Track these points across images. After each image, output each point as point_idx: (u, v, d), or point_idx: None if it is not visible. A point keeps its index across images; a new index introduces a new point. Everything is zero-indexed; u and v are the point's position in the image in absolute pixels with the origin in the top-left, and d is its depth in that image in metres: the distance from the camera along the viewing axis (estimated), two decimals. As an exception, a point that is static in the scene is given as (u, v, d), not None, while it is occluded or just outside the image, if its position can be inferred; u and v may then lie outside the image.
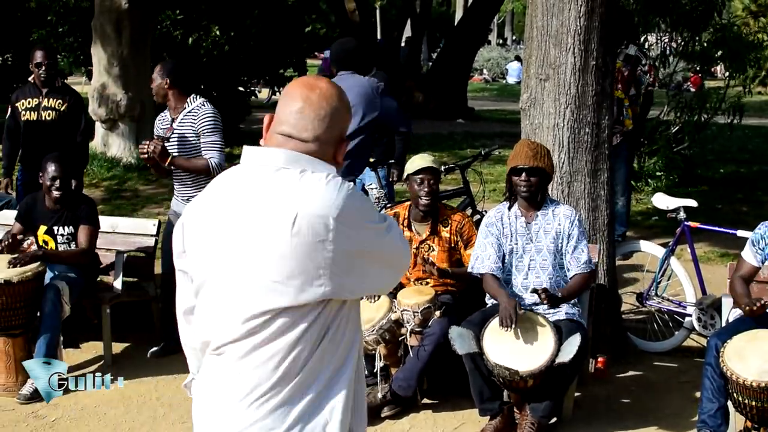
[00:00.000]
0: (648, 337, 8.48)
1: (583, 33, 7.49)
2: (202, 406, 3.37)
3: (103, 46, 16.77)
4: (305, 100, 3.22)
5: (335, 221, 3.05)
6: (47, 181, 7.95)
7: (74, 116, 9.51)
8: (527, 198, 6.78)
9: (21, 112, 9.36)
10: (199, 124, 7.90)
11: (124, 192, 15.33)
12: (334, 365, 3.22)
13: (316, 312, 3.13)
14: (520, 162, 6.70)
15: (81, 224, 8.03)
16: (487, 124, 24.94)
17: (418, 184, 7.15)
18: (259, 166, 3.20)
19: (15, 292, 7.40)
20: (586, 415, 7.00)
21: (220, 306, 3.21)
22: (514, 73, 44.47)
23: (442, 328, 6.62)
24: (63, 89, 9.61)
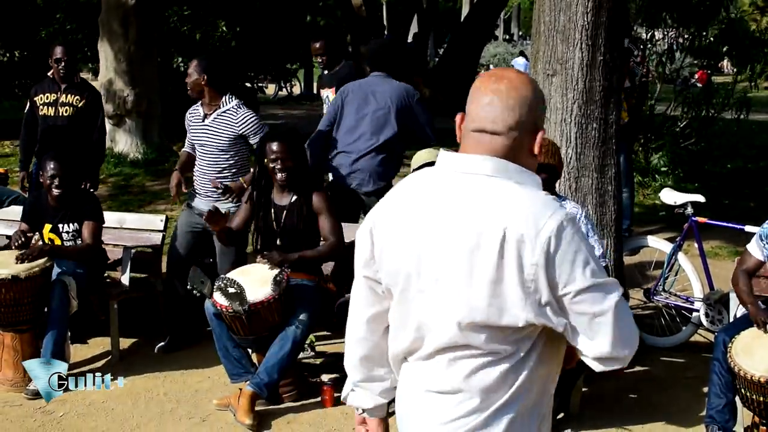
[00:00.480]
0: (655, 333, 8.47)
1: (590, 28, 7.48)
2: (410, 412, 3.34)
3: (109, 43, 16.78)
4: (494, 92, 3.15)
5: (545, 245, 2.95)
6: (47, 179, 7.95)
7: (91, 113, 9.53)
8: None
9: (39, 107, 9.38)
10: (241, 127, 8.03)
11: (131, 188, 15.35)
12: (533, 394, 3.18)
13: (521, 334, 3.06)
14: None
15: (85, 220, 8.04)
16: (494, 120, 24.91)
17: None
18: (462, 173, 3.12)
19: (22, 288, 7.40)
20: (593, 410, 7.00)
21: (429, 314, 3.13)
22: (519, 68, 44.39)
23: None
24: (81, 85, 9.64)
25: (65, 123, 9.38)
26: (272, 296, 6.85)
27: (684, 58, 16.00)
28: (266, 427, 6.85)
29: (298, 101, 30.59)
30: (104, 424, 6.96)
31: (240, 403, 6.84)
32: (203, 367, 7.91)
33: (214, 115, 8.03)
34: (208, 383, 7.65)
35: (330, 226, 7.38)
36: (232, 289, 6.78)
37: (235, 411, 6.88)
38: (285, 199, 7.41)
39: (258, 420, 6.81)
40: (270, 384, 6.92)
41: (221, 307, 6.88)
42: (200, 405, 7.24)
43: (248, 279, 6.96)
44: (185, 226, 8.27)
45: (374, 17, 26.02)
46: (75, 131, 9.36)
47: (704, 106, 15.17)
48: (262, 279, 6.97)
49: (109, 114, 16.64)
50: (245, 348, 7.25)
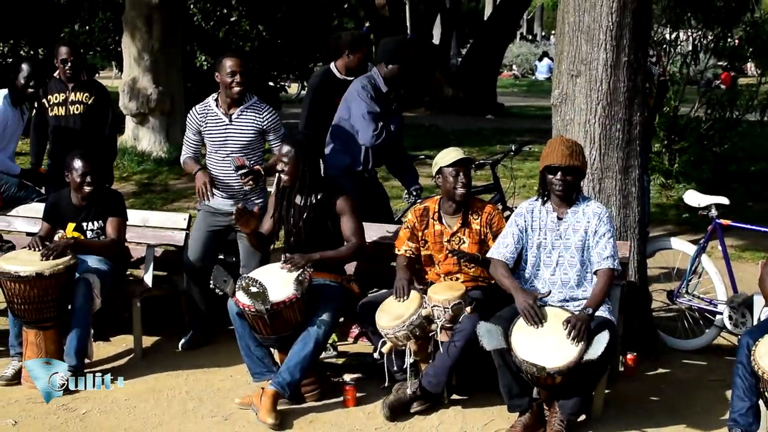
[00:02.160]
0: (678, 335, 8.45)
1: (615, 29, 7.47)
2: None
3: (133, 41, 16.83)
4: None
5: None
6: (77, 177, 7.96)
7: (102, 109, 9.51)
8: (561, 197, 6.75)
9: (48, 108, 9.38)
10: (265, 121, 8.05)
11: (154, 186, 15.39)
12: None
13: None
14: (556, 160, 6.66)
15: (109, 216, 8.07)
16: (517, 120, 24.90)
17: (454, 177, 7.13)
18: None
19: (46, 285, 7.42)
20: (615, 413, 6.97)
21: None
22: (543, 70, 44.40)
23: (472, 324, 6.57)
24: (88, 83, 9.63)
25: (77, 121, 9.36)
26: (294, 296, 6.86)
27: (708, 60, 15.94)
28: (288, 426, 6.84)
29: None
30: (126, 422, 6.97)
31: (262, 402, 6.85)
32: (226, 365, 7.92)
33: (237, 111, 8.02)
34: (231, 382, 7.66)
35: (352, 227, 7.39)
36: (254, 289, 6.79)
37: (257, 410, 6.89)
38: (307, 199, 7.42)
39: (280, 419, 6.81)
40: (292, 383, 6.93)
41: (244, 306, 6.89)
42: (222, 404, 7.24)
43: (271, 278, 6.97)
44: (205, 225, 8.23)
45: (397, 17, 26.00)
46: (87, 128, 9.35)
47: (728, 107, 15.11)
48: (284, 278, 6.97)
49: (132, 112, 16.72)
50: (268, 347, 7.25)
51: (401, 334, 6.78)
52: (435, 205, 7.36)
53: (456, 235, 7.21)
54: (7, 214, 9.08)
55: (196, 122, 8.18)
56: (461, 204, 7.22)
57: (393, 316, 6.83)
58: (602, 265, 6.66)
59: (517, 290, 6.60)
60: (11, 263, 7.50)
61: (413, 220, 7.36)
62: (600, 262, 6.66)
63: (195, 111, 8.23)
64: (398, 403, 6.94)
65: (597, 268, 6.68)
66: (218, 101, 8.13)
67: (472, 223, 7.21)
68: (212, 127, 8.11)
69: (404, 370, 7.00)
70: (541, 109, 26.97)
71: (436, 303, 6.78)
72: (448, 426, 6.85)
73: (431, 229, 7.29)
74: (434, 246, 7.29)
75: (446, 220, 7.28)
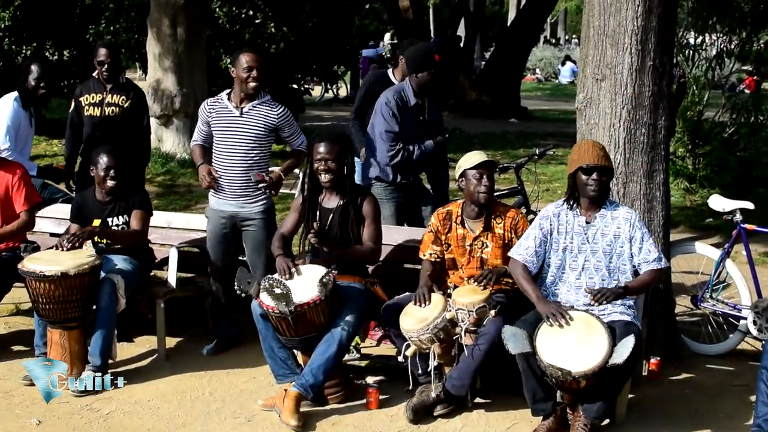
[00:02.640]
0: (702, 340, 8.42)
1: (640, 33, 7.45)
2: None
3: (158, 42, 16.86)
4: None
5: None
6: (101, 171, 8.01)
7: (137, 113, 9.55)
8: (595, 198, 6.74)
9: (84, 107, 9.41)
10: (278, 118, 8.06)
11: (177, 188, 15.44)
12: None
13: None
14: (592, 161, 6.65)
15: (133, 210, 8.11)
16: (540, 124, 24.88)
17: (477, 179, 7.12)
18: None
19: (71, 285, 7.45)
20: (638, 418, 6.96)
21: None
22: (566, 73, 44.32)
23: (496, 327, 6.57)
24: (127, 86, 9.63)
25: (111, 123, 9.38)
26: (318, 297, 6.87)
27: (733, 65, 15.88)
28: (311, 428, 6.86)
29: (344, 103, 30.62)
30: (150, 423, 6.99)
31: (285, 403, 6.86)
32: (249, 367, 7.93)
33: (249, 106, 8.01)
34: (254, 383, 7.67)
35: (373, 232, 7.42)
36: (278, 290, 6.80)
37: (280, 412, 6.90)
38: (332, 202, 7.44)
39: (303, 421, 6.82)
40: (315, 385, 6.94)
41: (267, 307, 6.91)
42: (245, 405, 7.26)
43: (295, 280, 6.99)
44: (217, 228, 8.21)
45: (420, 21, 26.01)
46: (121, 131, 9.37)
47: (753, 112, 15.05)
48: (308, 280, 6.98)
49: (156, 114, 16.73)
50: (291, 348, 7.26)
51: (425, 337, 6.78)
52: (458, 208, 7.35)
53: (479, 239, 7.21)
54: (31, 214, 9.11)
55: (205, 113, 8.17)
56: (484, 207, 7.20)
57: (417, 319, 6.83)
58: (651, 266, 6.68)
59: (539, 300, 6.60)
60: (36, 263, 7.54)
61: (436, 224, 7.36)
62: (650, 263, 6.68)
63: (206, 103, 8.26)
64: (421, 405, 6.95)
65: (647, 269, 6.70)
66: (230, 96, 8.12)
67: (495, 228, 7.20)
68: (220, 119, 8.06)
69: (428, 373, 7.00)
70: (565, 113, 26.99)
71: (460, 306, 6.78)
72: (471, 429, 6.85)
73: (454, 232, 7.29)
74: (457, 250, 7.29)
75: (469, 224, 7.27)
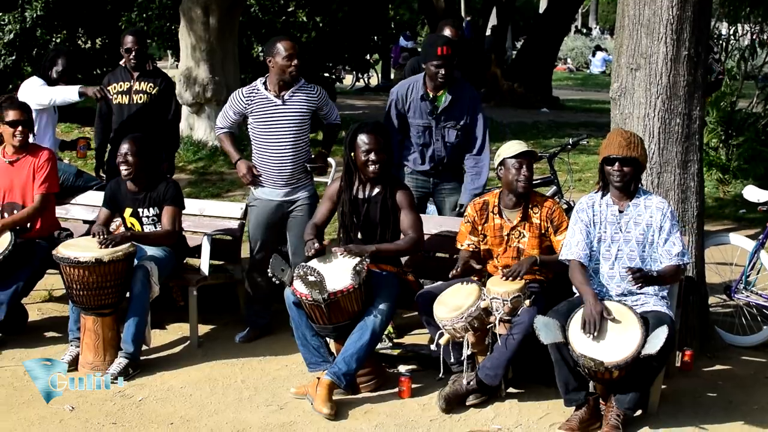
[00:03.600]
0: (735, 331, 8.38)
1: (675, 22, 7.41)
2: None
3: (190, 30, 16.88)
4: None
5: None
6: (119, 158, 8.06)
7: (165, 99, 9.58)
8: (620, 188, 6.71)
9: (113, 96, 9.43)
10: (318, 98, 8.15)
11: (209, 175, 15.46)
12: None
13: None
14: (614, 151, 6.63)
15: (165, 206, 8.11)
16: (572, 114, 24.78)
17: (517, 169, 7.09)
18: None
19: (105, 272, 7.49)
20: (671, 408, 6.94)
21: None
22: (598, 63, 44.16)
23: (531, 317, 6.56)
24: (154, 73, 9.66)
25: (140, 110, 9.42)
26: (352, 285, 6.88)
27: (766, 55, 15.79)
28: (343, 416, 6.87)
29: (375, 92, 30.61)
30: (182, 409, 7.02)
31: (318, 392, 6.88)
32: (281, 354, 7.96)
33: (288, 93, 8.02)
34: (286, 371, 7.69)
35: (411, 221, 7.39)
36: (312, 278, 6.81)
37: (312, 400, 6.91)
38: (368, 192, 7.43)
39: (335, 409, 6.83)
40: (348, 373, 6.95)
41: (301, 295, 6.92)
42: (278, 393, 7.28)
43: (328, 268, 7.00)
44: (263, 218, 8.22)
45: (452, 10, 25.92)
46: (150, 118, 9.40)
47: (787, 102, 14.96)
48: (342, 268, 6.99)
49: (188, 102, 16.76)
50: (324, 337, 7.28)
51: (459, 326, 6.77)
52: (495, 198, 7.33)
53: (516, 229, 7.19)
54: (65, 202, 9.15)
55: (240, 104, 8.16)
56: (522, 197, 7.18)
57: (451, 307, 6.82)
58: (672, 261, 6.63)
59: (589, 295, 6.54)
60: (71, 249, 7.58)
61: (473, 214, 7.34)
62: (671, 258, 6.64)
63: (241, 93, 8.22)
64: (454, 395, 6.94)
65: (668, 264, 6.66)
66: (266, 85, 8.12)
67: (532, 217, 7.18)
68: (262, 110, 8.06)
69: (461, 362, 6.99)
70: (596, 103, 26.90)
71: (495, 295, 6.77)
72: (504, 419, 6.84)
73: (491, 222, 7.28)
74: (493, 240, 7.27)
75: (506, 213, 7.26)
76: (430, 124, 8.39)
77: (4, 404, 7.06)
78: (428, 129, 8.40)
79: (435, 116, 8.36)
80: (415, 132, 8.44)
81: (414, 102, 8.39)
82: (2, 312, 7.94)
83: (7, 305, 7.97)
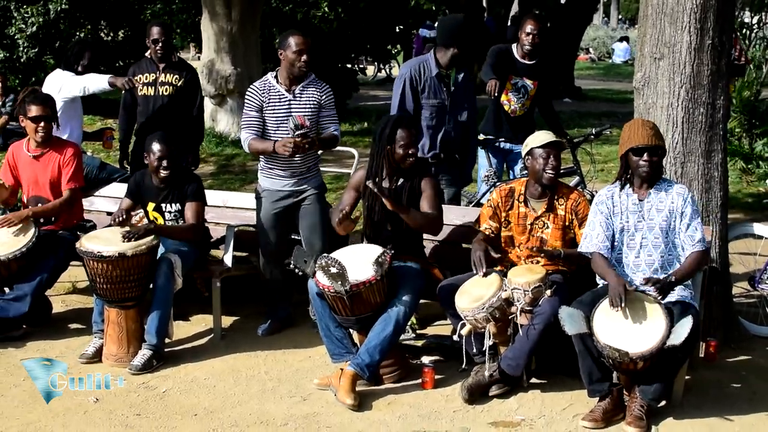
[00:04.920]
0: (759, 322, 8.34)
1: (699, 11, 7.38)
2: None
3: (212, 22, 16.93)
4: None
5: None
6: (154, 161, 8.03)
7: (190, 91, 9.62)
8: (648, 178, 6.68)
9: (138, 87, 9.46)
10: (324, 95, 8.05)
11: (231, 167, 15.50)
12: None
13: None
14: (642, 141, 6.59)
15: (188, 201, 8.13)
16: (594, 104, 24.71)
17: (544, 159, 7.08)
18: None
19: (129, 265, 7.51)
20: (695, 399, 6.91)
21: None
22: (621, 53, 44.04)
23: (552, 307, 6.56)
24: (180, 64, 9.71)
25: (166, 102, 9.49)
26: (374, 277, 6.87)
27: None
28: (367, 407, 6.87)
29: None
30: (206, 401, 7.04)
31: (341, 383, 6.89)
32: (304, 346, 7.97)
33: (299, 87, 8.01)
34: (309, 363, 7.70)
35: (432, 201, 7.36)
36: (334, 269, 6.81)
37: (336, 391, 6.93)
38: (393, 182, 7.42)
39: (359, 400, 6.84)
40: (371, 365, 6.96)
41: (323, 287, 6.92)
42: (301, 384, 7.29)
43: (351, 259, 6.99)
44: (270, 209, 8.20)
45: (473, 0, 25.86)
46: (175, 110, 9.47)
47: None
48: (364, 259, 6.98)
49: (210, 94, 16.81)
50: (347, 328, 7.28)
51: (481, 317, 6.76)
52: (521, 186, 7.32)
53: (540, 219, 7.18)
54: (89, 194, 9.18)
55: (258, 99, 8.09)
56: (548, 187, 7.17)
57: (473, 298, 6.82)
58: (695, 248, 6.60)
59: (611, 275, 6.54)
60: (94, 242, 7.60)
61: (497, 200, 7.33)
62: (693, 245, 6.60)
63: (255, 88, 8.17)
64: (477, 385, 6.94)
65: (690, 251, 6.62)
66: (278, 78, 8.12)
67: (558, 208, 7.17)
68: (275, 103, 8.04)
69: (482, 352, 6.99)
70: (618, 93, 26.82)
71: (516, 285, 6.75)
72: (527, 409, 6.83)
73: (515, 210, 7.26)
74: (517, 228, 7.26)
75: (532, 203, 7.25)
76: (444, 104, 8.40)
77: (29, 395, 7.09)
78: (442, 108, 8.41)
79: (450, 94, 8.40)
80: (427, 114, 8.45)
81: (429, 80, 8.40)
82: (26, 304, 7.96)
83: (32, 297, 7.99)
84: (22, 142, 8.49)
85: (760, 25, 15.72)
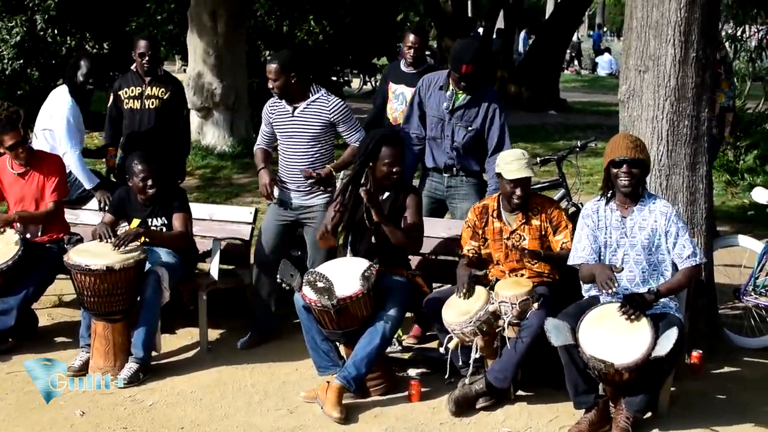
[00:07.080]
0: (744, 333, 8.37)
1: (683, 24, 7.41)
2: None
3: (198, 35, 16.94)
4: None
5: None
6: (138, 182, 8.03)
7: (176, 105, 9.62)
8: (627, 192, 6.70)
9: (124, 101, 9.46)
10: (333, 113, 7.98)
11: (218, 180, 15.49)
12: None
13: None
14: (622, 153, 6.61)
15: (174, 213, 8.13)
16: (579, 116, 24.76)
17: (511, 188, 7.09)
18: None
19: (116, 279, 7.50)
20: (681, 411, 6.94)
21: None
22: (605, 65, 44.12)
23: (539, 320, 6.57)
24: (165, 78, 9.69)
25: (151, 116, 9.45)
26: (361, 291, 6.89)
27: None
28: (353, 420, 6.88)
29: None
30: (193, 414, 7.04)
31: (328, 395, 6.89)
32: (291, 359, 7.96)
33: (303, 105, 8.01)
34: (296, 375, 7.70)
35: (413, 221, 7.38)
36: (321, 284, 6.82)
37: (322, 403, 6.93)
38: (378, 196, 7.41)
39: (345, 413, 6.85)
40: (358, 377, 6.97)
41: (310, 301, 6.93)
42: (288, 397, 7.29)
43: (337, 273, 7.00)
44: (274, 219, 8.25)
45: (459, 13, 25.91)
46: (161, 123, 9.46)
47: (795, 104, 14.97)
48: (351, 273, 6.99)
49: (196, 106, 16.81)
50: (333, 341, 7.29)
51: (468, 330, 6.78)
52: (494, 202, 7.33)
53: (516, 233, 7.19)
54: (74, 207, 9.17)
55: (267, 114, 8.24)
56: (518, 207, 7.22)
57: (460, 311, 6.83)
58: (684, 264, 6.63)
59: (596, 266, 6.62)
60: (82, 256, 7.60)
61: (473, 219, 7.34)
62: (683, 261, 6.63)
63: (267, 104, 8.27)
64: (464, 398, 6.95)
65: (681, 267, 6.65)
66: None
67: (532, 219, 7.18)
68: (279, 119, 8.13)
69: (468, 364, 7.00)
70: (604, 105, 26.86)
71: (503, 299, 6.77)
72: (513, 422, 6.85)
73: (491, 226, 7.28)
74: (494, 244, 7.28)
75: (506, 217, 7.26)
76: (443, 117, 8.38)
77: (15, 409, 7.09)
78: (441, 122, 8.40)
79: (449, 111, 8.36)
80: (430, 123, 8.45)
81: (434, 92, 8.41)
82: (12, 317, 7.95)
83: (18, 310, 7.98)
84: (5, 159, 8.47)
85: (743, 38, 15.79)
